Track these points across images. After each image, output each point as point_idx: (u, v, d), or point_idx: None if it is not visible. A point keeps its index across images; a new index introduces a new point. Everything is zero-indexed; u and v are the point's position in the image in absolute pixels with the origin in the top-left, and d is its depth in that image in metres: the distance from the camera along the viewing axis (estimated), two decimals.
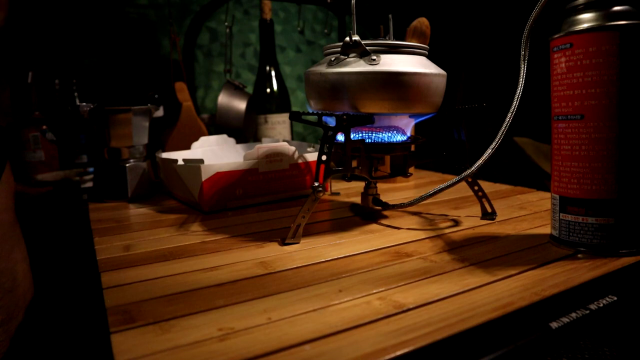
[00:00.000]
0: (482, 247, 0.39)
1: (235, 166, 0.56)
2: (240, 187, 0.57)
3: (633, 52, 0.33)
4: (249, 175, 0.57)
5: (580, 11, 0.35)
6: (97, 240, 0.45)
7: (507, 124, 0.41)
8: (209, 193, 0.55)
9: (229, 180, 0.56)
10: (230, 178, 0.56)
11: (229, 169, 0.56)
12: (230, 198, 0.57)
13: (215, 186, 0.55)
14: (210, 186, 0.54)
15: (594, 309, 0.28)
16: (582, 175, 0.35)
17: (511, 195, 0.59)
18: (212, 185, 0.55)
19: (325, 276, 0.33)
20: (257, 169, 0.58)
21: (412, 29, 0.66)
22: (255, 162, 0.57)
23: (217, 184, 0.55)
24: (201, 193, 0.54)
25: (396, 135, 0.47)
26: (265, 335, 0.25)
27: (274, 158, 0.59)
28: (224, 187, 0.56)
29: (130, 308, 0.29)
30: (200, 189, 0.54)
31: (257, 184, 0.58)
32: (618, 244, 0.35)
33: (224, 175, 0.55)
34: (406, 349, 0.23)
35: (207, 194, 0.55)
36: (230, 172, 0.56)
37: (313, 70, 0.45)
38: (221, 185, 0.55)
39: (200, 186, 0.54)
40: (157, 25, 1.05)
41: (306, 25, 1.25)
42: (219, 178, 0.55)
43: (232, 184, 0.56)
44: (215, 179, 0.55)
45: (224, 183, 0.55)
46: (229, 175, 0.56)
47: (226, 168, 0.55)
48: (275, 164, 0.59)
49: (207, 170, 0.54)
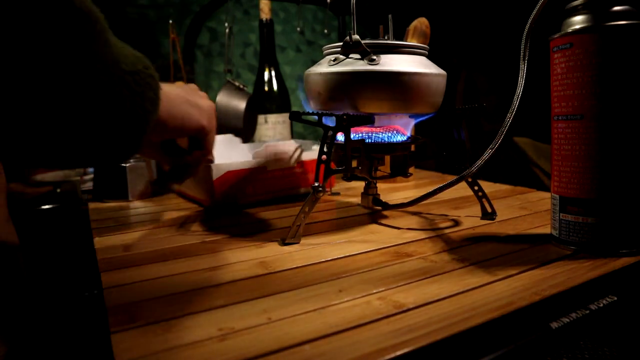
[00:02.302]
0: (482, 247, 0.39)
1: (245, 165, 0.58)
2: (249, 185, 0.59)
3: (632, 52, 0.33)
4: (258, 173, 0.59)
5: (580, 11, 0.35)
6: (97, 240, 0.45)
7: (507, 124, 0.41)
8: (220, 191, 0.56)
9: (239, 179, 0.58)
10: (240, 176, 0.58)
11: (238, 167, 0.57)
12: (240, 196, 0.58)
13: (225, 184, 0.56)
14: (221, 184, 0.56)
15: (594, 309, 0.28)
16: (582, 175, 0.35)
17: (511, 195, 0.59)
18: (223, 183, 0.56)
19: (325, 276, 0.33)
20: (265, 167, 0.59)
21: (412, 29, 0.66)
22: (264, 160, 0.59)
23: (228, 182, 0.57)
24: (212, 191, 0.56)
25: (396, 135, 0.47)
26: (265, 335, 0.25)
27: (282, 156, 0.60)
28: (234, 185, 0.57)
29: (130, 308, 0.29)
30: (211, 187, 0.56)
31: (266, 182, 0.60)
32: (618, 243, 0.35)
33: (234, 173, 0.57)
34: (406, 349, 0.23)
35: (218, 192, 0.56)
36: (239, 171, 0.57)
37: (313, 70, 0.45)
38: (231, 183, 0.57)
39: (211, 185, 0.55)
40: (157, 25, 1.05)
41: (306, 25, 1.25)
42: (229, 176, 0.57)
43: (242, 182, 0.58)
44: (225, 178, 0.56)
45: (234, 181, 0.57)
46: (239, 174, 0.58)
47: (236, 167, 0.57)
48: (283, 162, 0.60)
49: (218, 170, 0.56)
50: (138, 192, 0.66)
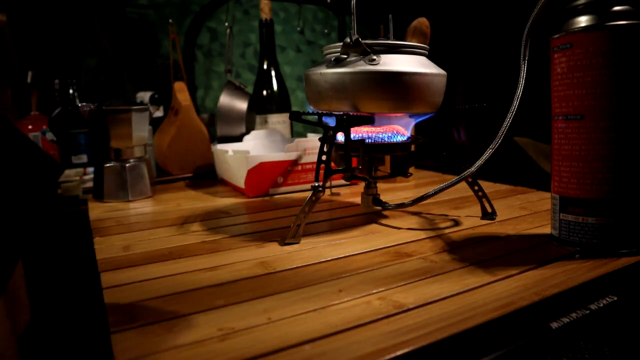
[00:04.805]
0: (482, 247, 0.39)
1: (277, 157, 0.65)
2: (281, 176, 0.65)
3: (633, 52, 0.33)
4: (289, 165, 0.65)
5: (580, 11, 0.35)
6: (97, 240, 0.45)
7: (507, 124, 0.41)
8: (253, 180, 0.63)
9: (271, 170, 0.64)
10: (272, 168, 0.64)
11: (271, 159, 0.64)
12: (272, 185, 0.65)
13: (258, 174, 0.63)
14: (254, 174, 0.63)
15: (594, 309, 0.28)
16: (582, 175, 0.35)
17: (511, 195, 0.59)
18: (256, 173, 0.63)
19: (325, 276, 0.33)
20: (296, 160, 0.66)
21: (412, 29, 0.66)
22: (295, 154, 0.66)
23: (261, 172, 0.63)
24: (247, 180, 0.63)
25: (396, 135, 0.47)
26: (265, 335, 0.25)
27: (311, 151, 0.67)
28: (266, 175, 0.64)
29: (130, 308, 0.29)
30: (246, 176, 0.62)
31: (296, 174, 0.66)
32: (618, 244, 0.35)
33: (266, 165, 0.64)
34: (406, 349, 0.23)
35: (251, 181, 0.63)
36: (272, 163, 0.64)
37: (313, 70, 0.45)
38: (264, 173, 0.64)
39: (246, 174, 0.62)
40: (157, 25, 1.05)
41: (306, 25, 1.25)
42: (262, 167, 0.63)
43: (273, 172, 0.64)
44: (259, 168, 0.63)
45: (266, 172, 0.64)
46: (271, 165, 0.64)
47: (269, 159, 0.64)
48: (312, 156, 0.67)
49: (252, 161, 0.62)
50: (138, 192, 0.66)
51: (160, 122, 0.88)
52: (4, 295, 0.47)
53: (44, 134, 0.85)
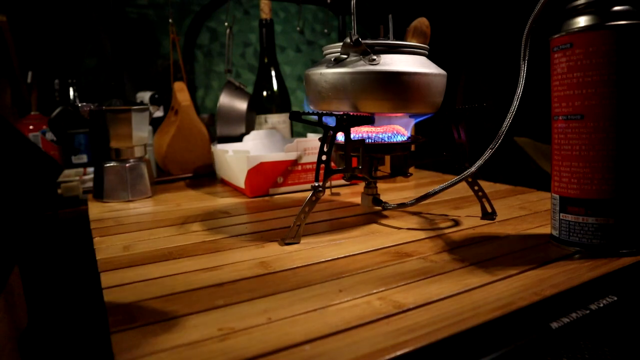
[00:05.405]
0: (482, 247, 0.39)
1: (277, 157, 0.65)
2: (280, 176, 0.65)
3: (633, 52, 0.33)
4: (289, 165, 0.65)
5: (580, 11, 0.35)
6: (97, 240, 0.45)
7: (507, 124, 0.41)
8: (253, 180, 0.63)
9: (271, 170, 0.64)
10: (272, 168, 0.64)
11: (271, 159, 0.64)
12: (272, 185, 0.65)
13: (258, 174, 0.63)
14: (254, 174, 0.63)
15: (594, 309, 0.28)
16: (582, 175, 0.35)
17: (511, 195, 0.59)
18: (256, 173, 0.63)
19: (325, 276, 0.33)
20: (296, 160, 0.65)
21: (412, 29, 0.66)
22: (295, 154, 0.65)
23: (261, 172, 0.63)
24: (247, 180, 0.63)
25: (396, 135, 0.47)
26: (265, 335, 0.25)
27: (311, 151, 0.66)
28: (266, 175, 0.64)
29: (130, 308, 0.29)
30: (246, 176, 0.62)
31: (296, 174, 0.66)
32: (618, 244, 0.35)
33: (266, 165, 0.64)
34: (406, 349, 0.23)
35: (251, 181, 0.63)
36: (272, 163, 0.64)
37: (313, 70, 0.45)
38: (264, 173, 0.64)
39: (246, 174, 0.62)
40: (157, 25, 1.05)
41: (306, 25, 1.25)
42: (262, 167, 0.63)
43: (273, 172, 0.64)
44: (259, 168, 0.63)
45: (266, 172, 0.64)
46: (271, 165, 0.64)
47: (269, 159, 0.64)
48: (312, 156, 0.66)
49: (252, 161, 0.62)
50: (138, 192, 0.66)
51: (160, 122, 0.88)
52: (3, 294, 0.47)
53: (44, 134, 0.85)
